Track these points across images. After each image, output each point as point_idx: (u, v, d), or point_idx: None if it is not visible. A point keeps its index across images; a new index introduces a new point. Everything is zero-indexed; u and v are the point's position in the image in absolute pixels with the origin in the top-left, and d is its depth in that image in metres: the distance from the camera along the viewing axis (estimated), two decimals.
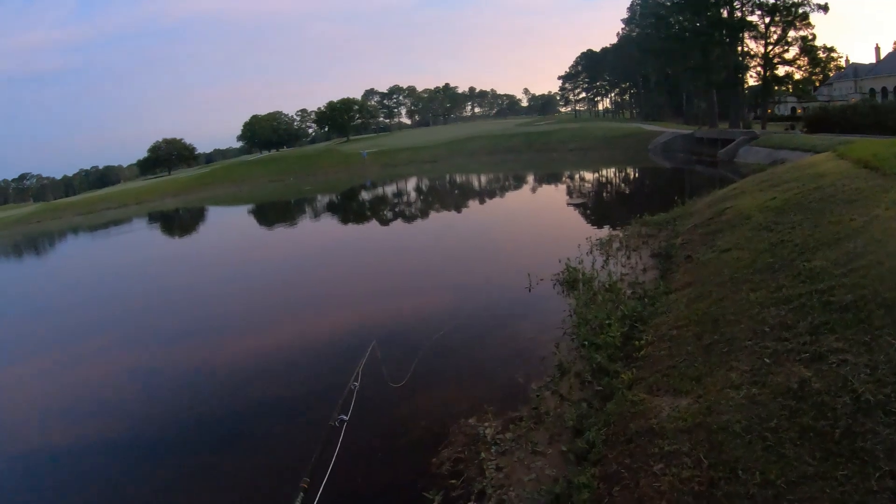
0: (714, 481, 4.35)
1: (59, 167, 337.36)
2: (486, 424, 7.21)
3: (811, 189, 12.45)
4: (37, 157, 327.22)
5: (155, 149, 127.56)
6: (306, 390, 9.70)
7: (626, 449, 5.41)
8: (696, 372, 6.25)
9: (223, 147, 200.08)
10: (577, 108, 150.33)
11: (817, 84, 60.91)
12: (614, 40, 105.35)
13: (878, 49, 68.50)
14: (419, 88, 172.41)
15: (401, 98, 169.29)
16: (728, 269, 9.45)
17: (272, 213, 47.09)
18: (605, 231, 18.01)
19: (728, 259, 10.05)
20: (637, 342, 7.96)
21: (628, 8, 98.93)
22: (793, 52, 50.06)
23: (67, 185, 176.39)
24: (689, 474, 4.54)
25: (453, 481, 6.25)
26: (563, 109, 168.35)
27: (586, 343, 8.75)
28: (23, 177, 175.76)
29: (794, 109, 68.73)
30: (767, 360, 5.70)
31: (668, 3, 58.02)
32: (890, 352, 4.91)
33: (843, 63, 66.57)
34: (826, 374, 4.98)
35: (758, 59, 51.36)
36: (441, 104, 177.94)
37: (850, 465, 3.93)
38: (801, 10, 47.19)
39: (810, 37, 48.29)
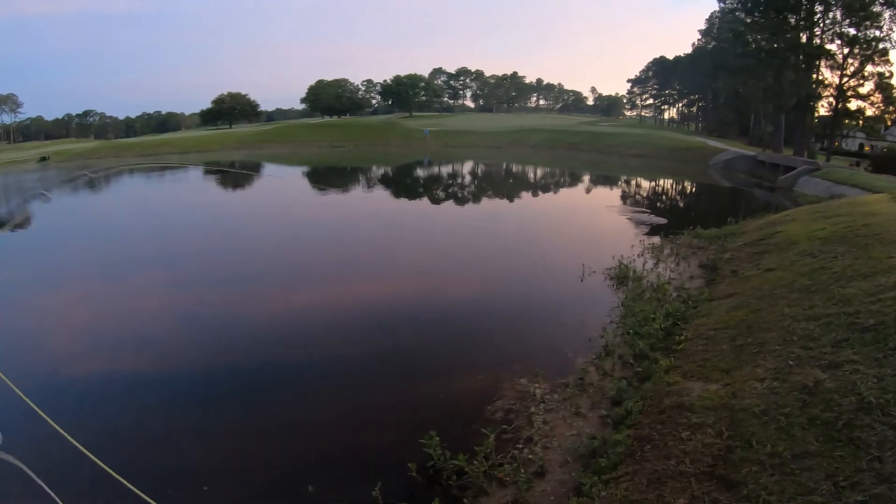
0: (731, 448, 5.28)
1: (122, 108, 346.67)
2: (536, 385, 8.27)
3: (860, 225, 12.98)
4: (101, 96, 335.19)
5: (219, 101, 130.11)
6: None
7: (658, 418, 6.38)
8: (726, 365, 7.17)
9: (285, 107, 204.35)
10: (642, 113, 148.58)
11: (888, 123, 59.60)
12: (689, 50, 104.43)
13: None
14: (486, 73, 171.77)
15: (467, 81, 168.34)
16: (769, 285, 10.24)
17: (329, 177, 48.72)
18: (657, 239, 18.65)
19: (770, 277, 10.82)
20: (677, 337, 8.86)
21: (707, 20, 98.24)
22: (868, 86, 49.42)
23: (129, 127, 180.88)
24: (711, 441, 5.49)
25: (505, 426, 7.29)
26: (628, 113, 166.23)
27: (631, 331, 9.70)
28: (86, 113, 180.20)
29: (861, 146, 67.17)
30: (791, 363, 6.59)
31: (748, 21, 57.23)
32: None
33: None
34: (839, 378, 5.86)
35: (831, 90, 50.72)
36: (507, 92, 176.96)
37: (846, 448, 4.78)
38: (881, 46, 46.75)
39: (887, 74, 47.85)
